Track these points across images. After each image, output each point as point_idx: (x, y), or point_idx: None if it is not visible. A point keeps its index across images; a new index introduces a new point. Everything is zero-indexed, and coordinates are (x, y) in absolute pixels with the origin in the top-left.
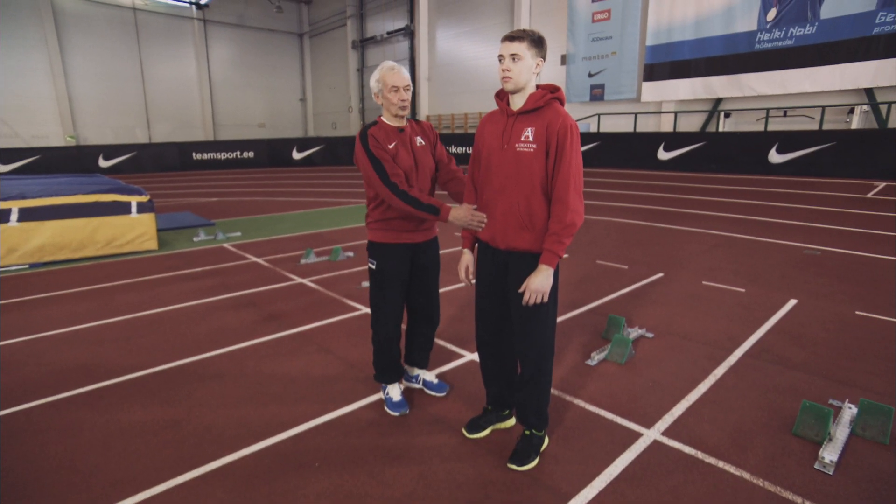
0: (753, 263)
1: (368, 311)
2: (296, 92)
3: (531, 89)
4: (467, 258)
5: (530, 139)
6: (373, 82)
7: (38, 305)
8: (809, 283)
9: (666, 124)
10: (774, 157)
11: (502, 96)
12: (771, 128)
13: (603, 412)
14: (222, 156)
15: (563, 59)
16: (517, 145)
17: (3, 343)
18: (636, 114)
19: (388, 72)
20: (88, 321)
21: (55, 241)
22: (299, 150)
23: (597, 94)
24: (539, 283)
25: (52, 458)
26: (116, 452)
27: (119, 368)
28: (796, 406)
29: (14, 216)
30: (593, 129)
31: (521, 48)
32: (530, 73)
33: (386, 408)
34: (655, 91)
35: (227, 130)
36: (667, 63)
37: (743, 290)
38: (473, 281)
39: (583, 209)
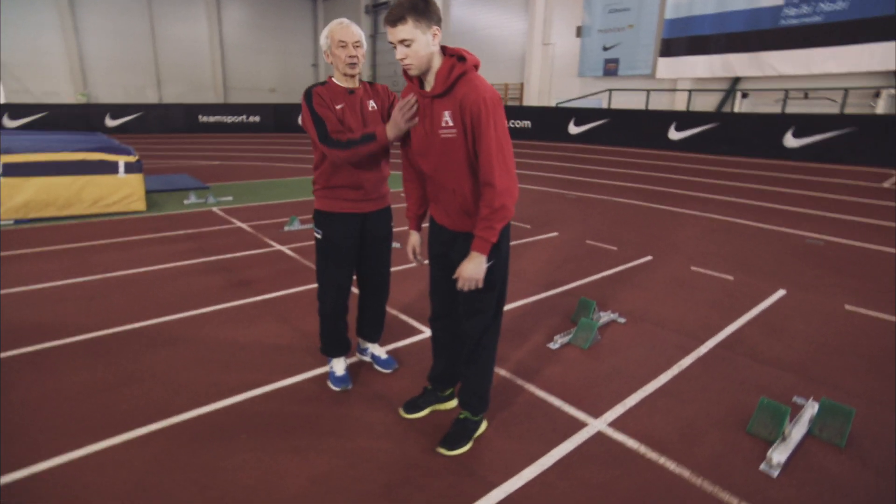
0: (749, 251)
1: None
2: (308, 57)
3: (438, 64)
4: (414, 239)
5: (450, 124)
6: (322, 39)
7: (10, 262)
8: (803, 273)
9: (680, 103)
10: (790, 140)
11: (412, 78)
12: (789, 110)
13: (552, 399)
14: (228, 119)
15: (579, 31)
16: (440, 132)
17: None
18: (649, 90)
19: (337, 26)
20: (56, 279)
21: (40, 197)
22: None
23: (611, 68)
24: (471, 271)
25: None
26: (47, 414)
27: (74, 328)
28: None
29: None
30: (604, 105)
31: (408, 30)
32: (428, 48)
33: (328, 382)
34: (671, 68)
35: (239, 94)
36: (685, 38)
37: (731, 277)
38: (425, 261)
39: (514, 186)
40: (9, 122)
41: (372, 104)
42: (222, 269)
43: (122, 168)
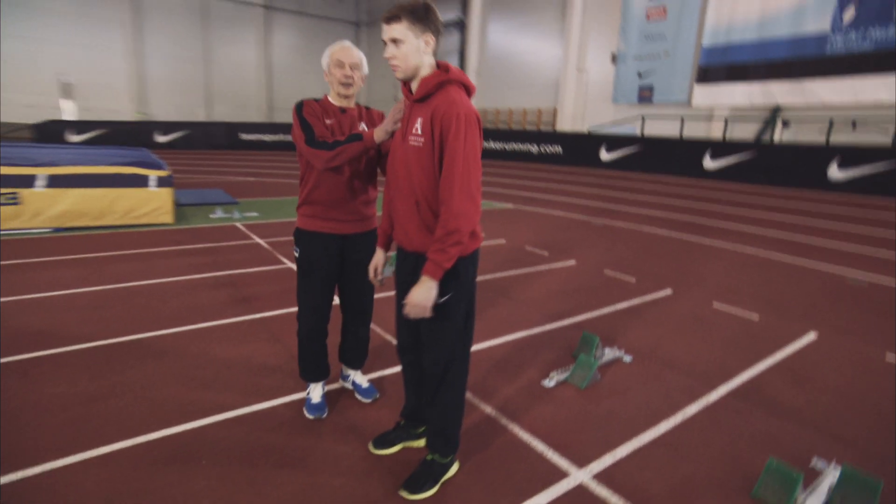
0: (781, 289)
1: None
2: None
3: (427, 71)
4: (378, 257)
5: (419, 132)
6: (323, 58)
7: (31, 269)
8: (840, 316)
9: (716, 131)
10: (835, 172)
11: (406, 84)
12: (835, 140)
13: (535, 442)
14: (268, 137)
15: (614, 58)
16: (409, 138)
17: None
18: (684, 118)
19: (338, 47)
20: (69, 288)
21: (77, 208)
22: None
23: (645, 95)
24: (418, 297)
25: None
26: (16, 426)
27: (70, 338)
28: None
29: (42, 181)
30: (637, 131)
31: (399, 29)
32: (419, 53)
33: (304, 408)
34: (708, 95)
35: (283, 114)
36: (723, 66)
37: (757, 317)
38: (380, 280)
39: (474, 211)
40: (74, 137)
41: (363, 126)
42: (229, 284)
43: (153, 182)
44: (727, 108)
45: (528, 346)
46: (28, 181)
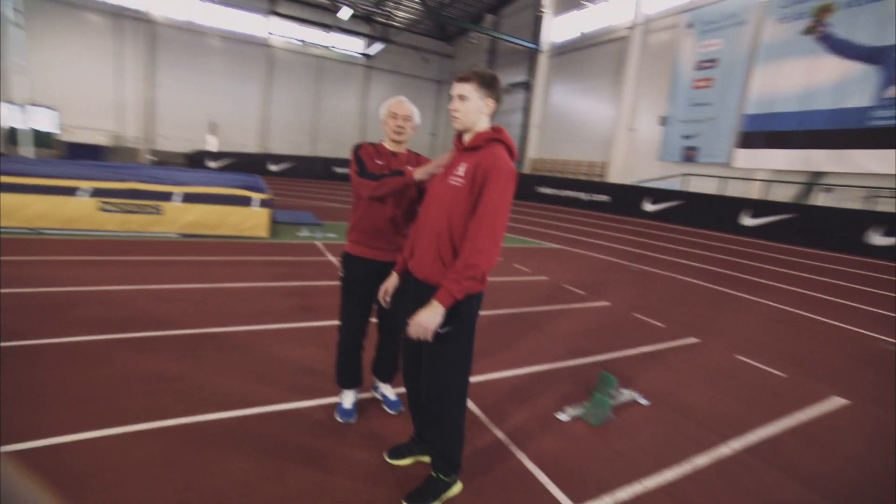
0: (810, 347)
1: None
2: (427, 127)
3: (481, 128)
4: (390, 281)
5: (461, 174)
6: (381, 109)
7: (160, 266)
8: (871, 382)
9: (755, 191)
10: (877, 238)
11: (459, 135)
12: (880, 208)
13: (539, 473)
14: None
15: (662, 121)
16: (450, 178)
17: (115, 287)
18: (723, 177)
19: (394, 101)
20: (181, 283)
21: (199, 219)
22: None
23: (689, 155)
24: (424, 318)
25: (63, 382)
26: (109, 391)
27: (171, 324)
28: None
29: (178, 197)
30: (681, 187)
31: (467, 89)
32: (478, 113)
33: (335, 412)
34: (749, 158)
35: None
36: (763, 132)
37: (783, 374)
38: (388, 301)
39: (494, 253)
40: (212, 164)
41: (410, 168)
42: (299, 293)
43: (255, 202)
44: (768, 170)
45: (548, 379)
46: (167, 196)
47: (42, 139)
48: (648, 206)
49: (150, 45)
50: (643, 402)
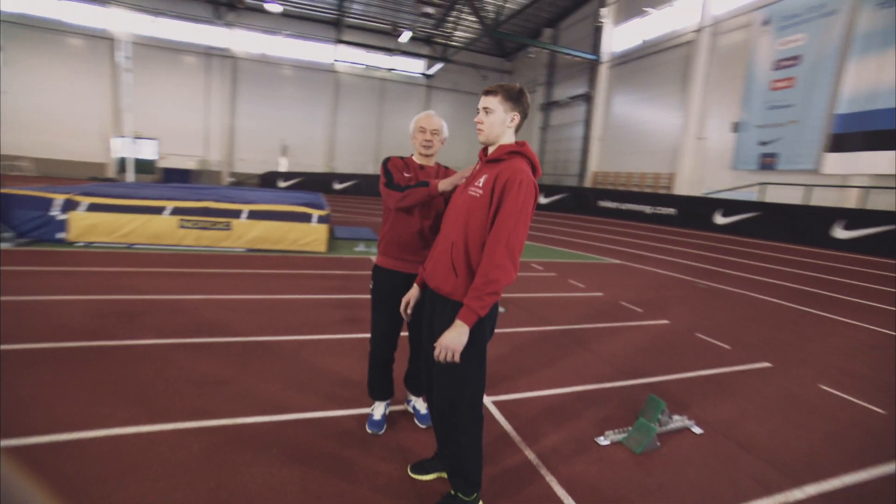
0: None
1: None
2: None
3: (505, 142)
4: (413, 292)
5: (480, 185)
6: (411, 123)
7: (225, 277)
8: None
9: (850, 199)
10: None
11: (485, 148)
12: None
13: (567, 499)
14: None
15: (735, 127)
16: (470, 189)
17: (184, 297)
18: (809, 185)
19: (423, 116)
20: (241, 294)
21: (263, 235)
22: None
23: (767, 162)
24: (451, 340)
25: (129, 380)
26: (165, 391)
27: (227, 331)
28: None
29: (245, 214)
30: (755, 198)
31: (493, 102)
32: (503, 126)
33: (366, 423)
34: (842, 163)
35: None
36: (860, 133)
37: (882, 411)
38: (409, 314)
39: (512, 268)
40: (282, 184)
41: (435, 181)
42: (347, 306)
43: (314, 219)
44: (867, 176)
45: (591, 400)
46: (237, 214)
47: (146, 166)
48: (719, 219)
49: (231, 79)
50: (696, 430)
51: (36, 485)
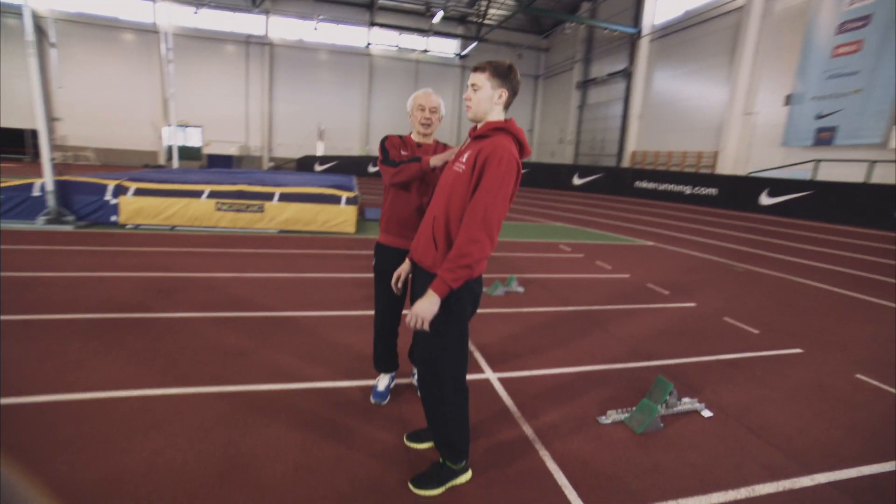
0: None
1: None
2: (526, 124)
3: (493, 118)
4: (404, 267)
5: (464, 161)
6: (408, 101)
7: (259, 257)
8: None
9: None
10: None
11: (475, 126)
12: None
13: (559, 475)
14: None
15: (788, 100)
16: (455, 164)
17: (217, 274)
18: (874, 161)
19: (421, 93)
20: (270, 272)
21: (295, 216)
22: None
23: (824, 137)
24: (421, 309)
25: (164, 349)
26: (192, 358)
27: (254, 307)
28: None
29: (277, 197)
30: (809, 176)
31: (480, 78)
32: (490, 102)
33: (371, 394)
34: None
35: None
36: None
37: None
38: (400, 287)
39: (488, 243)
40: (319, 167)
41: (427, 156)
42: (369, 284)
43: (343, 200)
44: None
45: (599, 380)
46: (269, 196)
47: (193, 153)
48: (765, 200)
49: (269, 65)
50: (706, 413)
51: (35, 486)
